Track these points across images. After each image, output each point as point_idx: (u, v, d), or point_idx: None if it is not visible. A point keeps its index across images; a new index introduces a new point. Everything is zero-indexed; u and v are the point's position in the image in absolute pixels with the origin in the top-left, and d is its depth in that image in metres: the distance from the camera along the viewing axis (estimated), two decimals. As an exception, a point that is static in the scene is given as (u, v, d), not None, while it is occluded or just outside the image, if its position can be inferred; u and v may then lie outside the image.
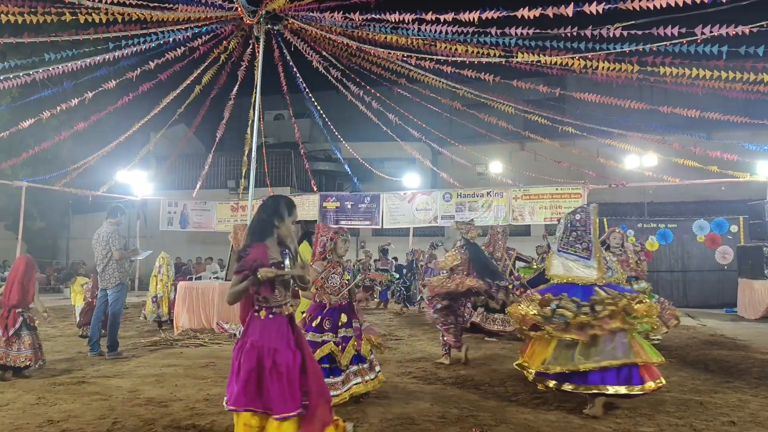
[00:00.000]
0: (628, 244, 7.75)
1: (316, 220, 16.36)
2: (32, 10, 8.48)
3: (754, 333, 9.61)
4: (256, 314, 3.38)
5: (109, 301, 7.73)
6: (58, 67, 9.66)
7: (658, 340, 7.52)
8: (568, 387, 4.75)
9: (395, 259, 18.86)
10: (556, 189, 14.38)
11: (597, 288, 4.93)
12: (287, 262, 3.39)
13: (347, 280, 5.26)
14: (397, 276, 18.57)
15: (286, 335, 3.37)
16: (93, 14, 8.76)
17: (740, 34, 6.48)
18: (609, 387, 4.60)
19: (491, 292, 7.18)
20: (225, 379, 6.15)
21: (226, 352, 7.89)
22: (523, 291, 6.51)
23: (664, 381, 4.79)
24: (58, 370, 6.66)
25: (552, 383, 4.83)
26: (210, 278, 12.43)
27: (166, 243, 19.67)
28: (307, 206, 16.90)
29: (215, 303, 9.74)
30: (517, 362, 5.30)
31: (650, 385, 4.64)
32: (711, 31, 6.54)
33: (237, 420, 3.29)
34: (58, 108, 10.84)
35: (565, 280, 5.11)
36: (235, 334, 9.03)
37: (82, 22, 8.84)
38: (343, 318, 5.16)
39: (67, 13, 8.76)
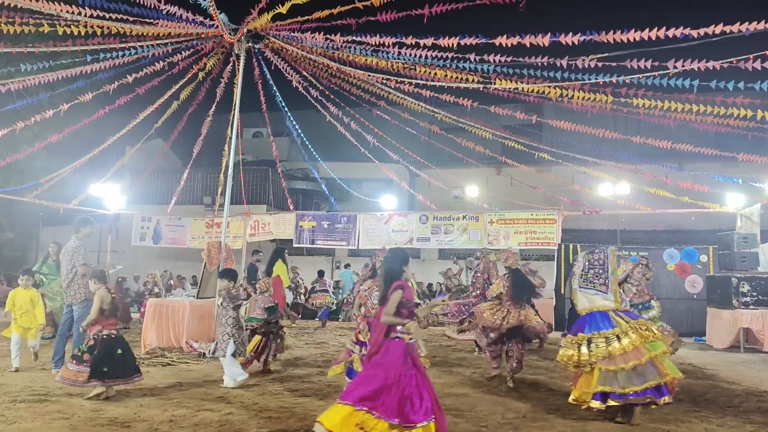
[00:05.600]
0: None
1: (291, 239, 16.27)
2: (10, 20, 8.39)
3: (722, 362, 9.72)
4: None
5: (74, 317, 7.57)
6: (32, 78, 9.54)
7: None
8: (611, 402, 5.33)
9: (337, 282, 19.13)
10: (531, 214, 14.46)
11: (611, 313, 5.67)
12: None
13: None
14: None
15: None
16: (72, 26, 8.68)
17: (711, 69, 6.64)
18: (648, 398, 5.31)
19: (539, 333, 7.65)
20: (191, 400, 6.05)
21: (194, 372, 7.76)
22: None
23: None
24: (19, 386, 6.49)
25: (596, 403, 5.35)
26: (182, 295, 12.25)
27: (138, 258, 19.42)
28: (283, 225, 16.77)
29: (185, 321, 9.58)
30: (572, 397, 5.68)
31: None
32: (683, 65, 6.69)
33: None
34: (33, 119, 10.68)
35: (588, 311, 5.81)
36: (204, 353, 8.89)
37: (60, 33, 8.74)
38: None
39: (46, 25, 8.67)
